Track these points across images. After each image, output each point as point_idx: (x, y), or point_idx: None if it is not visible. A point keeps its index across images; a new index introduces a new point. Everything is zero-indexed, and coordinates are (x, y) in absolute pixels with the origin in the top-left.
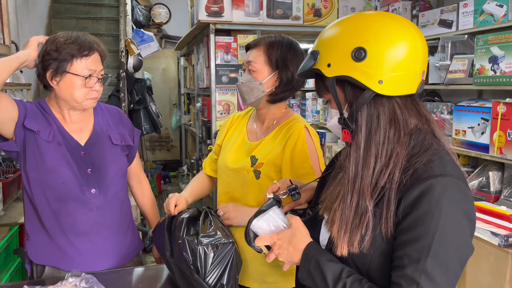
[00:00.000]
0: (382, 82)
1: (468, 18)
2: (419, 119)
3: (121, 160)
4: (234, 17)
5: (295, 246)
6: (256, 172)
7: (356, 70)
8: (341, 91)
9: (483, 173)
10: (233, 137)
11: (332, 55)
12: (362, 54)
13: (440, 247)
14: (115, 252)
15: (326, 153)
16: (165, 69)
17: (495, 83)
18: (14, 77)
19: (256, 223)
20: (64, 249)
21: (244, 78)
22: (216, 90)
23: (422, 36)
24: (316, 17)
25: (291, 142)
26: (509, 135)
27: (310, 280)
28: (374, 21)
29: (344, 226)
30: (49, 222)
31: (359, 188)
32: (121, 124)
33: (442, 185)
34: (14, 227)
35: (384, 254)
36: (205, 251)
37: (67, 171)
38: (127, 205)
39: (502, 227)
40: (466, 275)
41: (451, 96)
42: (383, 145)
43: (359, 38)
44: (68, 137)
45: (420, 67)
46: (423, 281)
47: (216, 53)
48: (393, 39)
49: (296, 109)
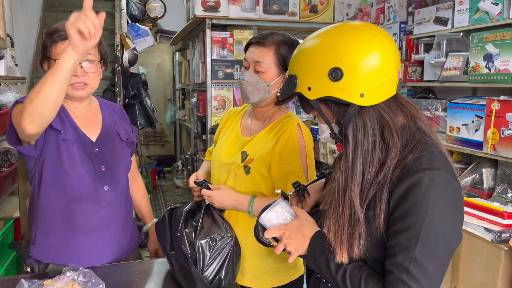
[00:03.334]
0: (364, 95)
1: (463, 16)
2: (404, 117)
3: (128, 156)
4: (231, 12)
5: (303, 235)
6: (246, 168)
7: (336, 89)
8: (326, 109)
9: (477, 170)
10: (227, 132)
11: (310, 79)
12: (338, 74)
13: (428, 235)
14: (119, 246)
15: (321, 149)
16: (160, 64)
17: (489, 80)
18: (9, 70)
19: (265, 216)
20: (72, 247)
21: (249, 78)
22: (212, 85)
23: (390, 39)
24: (312, 13)
25: (283, 140)
26: (502, 133)
27: (316, 266)
28: (342, 39)
29: (339, 235)
30: (60, 223)
31: (349, 198)
32: (125, 120)
33: (429, 178)
34: (9, 221)
35: (378, 245)
36: (203, 244)
37: (82, 170)
38: (131, 200)
39: (495, 223)
40: (460, 271)
41: (446, 93)
42: (372, 152)
43: (332, 58)
44: (81, 133)
45: (395, 69)
46: (412, 268)
47: (212, 48)
48: (363, 52)
49: (292, 105)
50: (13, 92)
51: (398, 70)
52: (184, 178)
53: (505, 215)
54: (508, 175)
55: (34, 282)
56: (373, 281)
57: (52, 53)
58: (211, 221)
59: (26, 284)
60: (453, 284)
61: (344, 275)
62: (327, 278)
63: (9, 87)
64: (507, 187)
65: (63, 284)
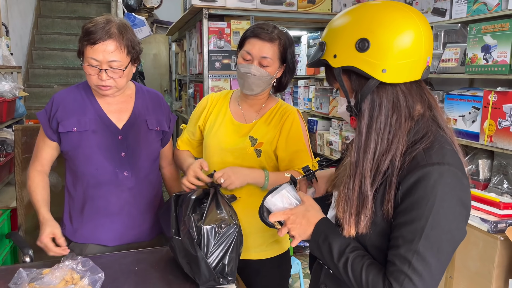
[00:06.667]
0: (386, 71)
1: (461, 7)
2: (422, 105)
3: (154, 144)
4: (228, 2)
5: (308, 220)
6: (257, 151)
7: (360, 60)
8: (347, 80)
9: (473, 161)
10: (218, 118)
11: (337, 46)
12: (365, 45)
13: (432, 229)
14: (141, 229)
15: (317, 140)
16: (156, 55)
17: (487, 72)
18: (5, 59)
19: (270, 199)
20: (96, 228)
21: (256, 71)
22: (209, 76)
23: (425, 24)
24: (310, 3)
25: (288, 124)
26: (499, 124)
27: (319, 252)
28: (377, 11)
29: (348, 208)
30: (83, 206)
31: (361, 172)
32: (159, 109)
33: (439, 173)
34: (6, 211)
35: (382, 234)
36: (209, 230)
37: (100, 157)
38: (157, 187)
39: (491, 213)
40: (456, 260)
41: (443, 84)
42: (383, 131)
43: (362, 29)
44: (106, 121)
45: (424, 54)
46: (415, 260)
47: (209, 38)
48: (395, 29)
49: (288, 97)
50: (9, 81)
51: (428, 56)
52: None
53: (501, 205)
54: (504, 166)
55: (33, 271)
56: (375, 270)
57: (84, 54)
58: (217, 208)
59: (24, 273)
60: (449, 273)
61: (346, 263)
62: (329, 265)
63: (5, 77)
64: (503, 178)
65: (62, 273)
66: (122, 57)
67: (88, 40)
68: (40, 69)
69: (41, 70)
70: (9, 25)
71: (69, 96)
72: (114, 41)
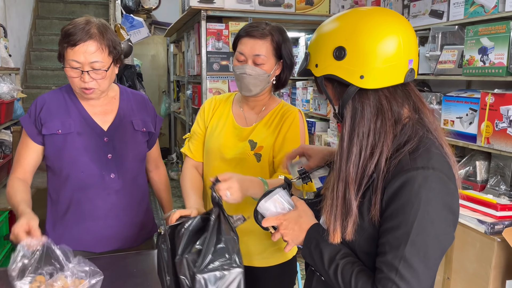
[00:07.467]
0: (364, 77)
1: (458, 9)
2: (409, 108)
3: (141, 145)
4: (226, 4)
5: (300, 226)
6: (257, 155)
7: (338, 68)
8: (331, 88)
9: (470, 163)
10: (220, 121)
11: (318, 56)
12: (342, 53)
13: (418, 235)
14: (128, 234)
15: (315, 142)
16: (154, 56)
17: (484, 73)
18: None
19: (263, 204)
20: (81, 233)
21: (251, 71)
22: (207, 77)
23: (406, 27)
24: (308, 5)
25: (286, 125)
26: (496, 126)
27: (311, 258)
28: (353, 19)
29: (333, 213)
30: (68, 210)
31: (344, 178)
32: (144, 110)
33: (423, 177)
34: (4, 213)
35: (371, 239)
36: (207, 279)
37: (86, 159)
38: (144, 189)
39: (488, 215)
40: (453, 262)
41: (441, 86)
42: (367, 136)
43: (338, 37)
44: (91, 123)
45: (404, 57)
46: (401, 267)
47: (207, 40)
48: (371, 35)
49: (286, 98)
50: (7, 83)
51: (410, 59)
52: (178, 170)
53: (498, 207)
54: (501, 167)
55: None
56: (364, 278)
57: (64, 56)
58: (218, 242)
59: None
60: (446, 275)
61: (336, 270)
62: (320, 271)
63: (3, 78)
64: (500, 180)
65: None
66: (104, 57)
67: (68, 42)
68: (38, 71)
69: (39, 71)
70: (7, 26)
71: (52, 99)
72: (95, 42)
